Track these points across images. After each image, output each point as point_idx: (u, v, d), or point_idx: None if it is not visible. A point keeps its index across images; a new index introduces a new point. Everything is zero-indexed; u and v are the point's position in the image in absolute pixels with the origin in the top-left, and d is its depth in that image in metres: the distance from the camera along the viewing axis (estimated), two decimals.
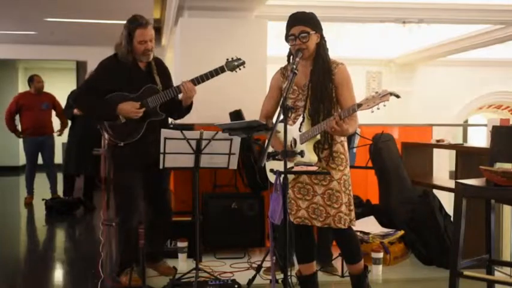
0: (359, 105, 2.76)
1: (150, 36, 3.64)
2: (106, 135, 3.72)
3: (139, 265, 3.47)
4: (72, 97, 3.99)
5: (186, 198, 4.75)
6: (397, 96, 2.70)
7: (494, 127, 3.18)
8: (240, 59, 3.72)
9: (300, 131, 2.98)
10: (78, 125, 6.68)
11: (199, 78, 3.65)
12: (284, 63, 3.15)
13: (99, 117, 3.73)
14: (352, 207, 3.05)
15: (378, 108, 2.72)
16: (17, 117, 7.40)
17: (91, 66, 9.45)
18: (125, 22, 3.69)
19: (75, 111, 6.42)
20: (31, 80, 7.37)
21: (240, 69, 3.73)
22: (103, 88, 3.66)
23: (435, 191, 4.57)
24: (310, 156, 2.94)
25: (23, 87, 11.28)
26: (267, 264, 3.83)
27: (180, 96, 3.74)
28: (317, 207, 3.01)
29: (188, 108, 3.79)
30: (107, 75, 3.70)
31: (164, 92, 3.67)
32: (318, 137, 2.96)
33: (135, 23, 3.64)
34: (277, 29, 5.23)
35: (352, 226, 3.08)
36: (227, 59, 3.70)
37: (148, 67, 3.75)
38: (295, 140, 3.02)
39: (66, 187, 7.09)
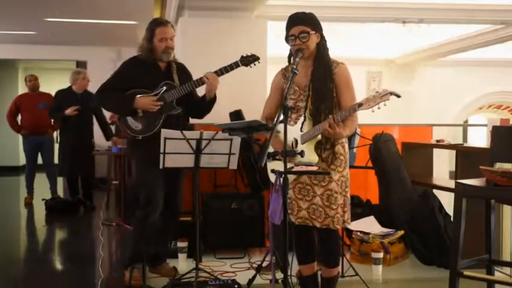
0: (360, 105, 2.77)
1: (170, 34, 3.77)
2: (127, 130, 3.78)
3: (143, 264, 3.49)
4: (95, 95, 4.05)
5: (186, 198, 4.74)
6: (398, 96, 2.71)
7: (494, 127, 3.18)
8: (254, 55, 3.78)
9: (301, 131, 2.98)
10: (70, 127, 6.67)
11: (224, 70, 3.71)
12: (284, 63, 3.14)
13: (117, 110, 3.91)
14: (346, 209, 3.03)
15: (379, 108, 2.72)
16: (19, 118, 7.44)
17: (91, 66, 9.46)
18: (125, 22, 3.72)
19: (68, 111, 6.46)
20: (25, 80, 7.50)
21: (254, 64, 3.77)
22: (123, 85, 3.76)
23: (435, 191, 4.57)
24: (311, 157, 2.93)
25: (23, 87, 11.26)
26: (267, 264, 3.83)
27: (204, 90, 3.78)
28: (316, 208, 3.00)
29: (211, 103, 3.82)
30: (126, 73, 3.82)
31: (181, 86, 3.73)
32: (319, 137, 2.96)
33: (156, 21, 3.88)
34: (277, 29, 5.23)
35: (347, 226, 3.09)
36: (242, 56, 3.75)
37: (168, 68, 3.82)
38: (296, 140, 3.01)
39: (71, 189, 7.07)
